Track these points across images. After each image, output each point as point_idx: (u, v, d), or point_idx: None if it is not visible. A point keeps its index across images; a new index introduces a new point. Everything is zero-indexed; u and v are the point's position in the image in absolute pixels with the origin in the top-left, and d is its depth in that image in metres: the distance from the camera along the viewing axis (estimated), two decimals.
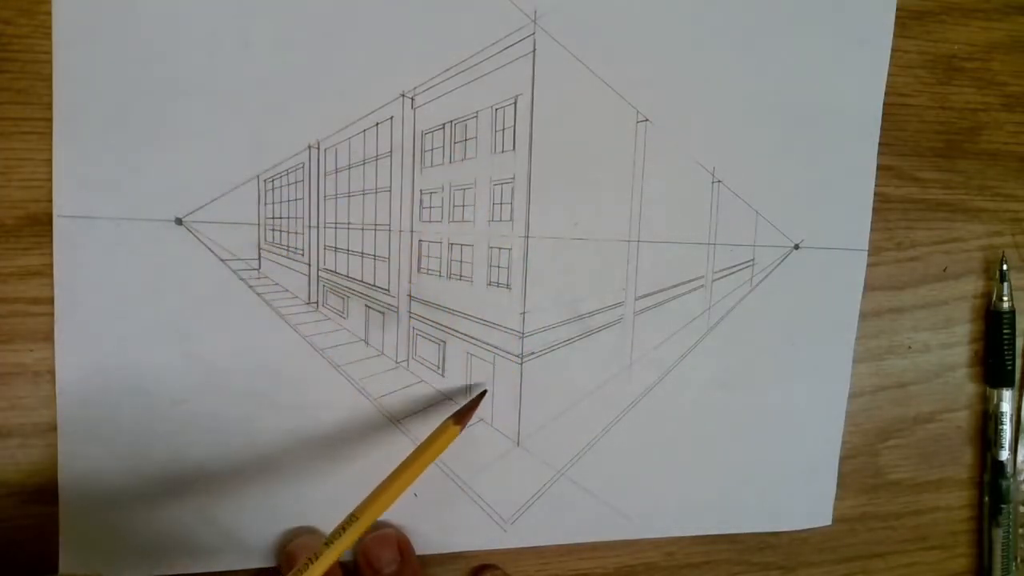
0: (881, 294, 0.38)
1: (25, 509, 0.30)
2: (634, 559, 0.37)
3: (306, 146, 0.30)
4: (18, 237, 0.29)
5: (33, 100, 0.28)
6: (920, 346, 0.39)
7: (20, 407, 0.29)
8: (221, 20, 0.29)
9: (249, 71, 0.29)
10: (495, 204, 0.33)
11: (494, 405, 0.34)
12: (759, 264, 0.36)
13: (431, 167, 0.32)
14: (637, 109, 0.33)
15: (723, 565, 0.38)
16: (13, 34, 0.28)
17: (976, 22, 0.38)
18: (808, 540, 0.39)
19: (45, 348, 0.29)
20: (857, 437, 0.39)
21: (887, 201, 0.37)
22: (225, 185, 0.30)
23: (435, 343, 0.33)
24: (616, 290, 0.34)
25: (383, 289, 0.32)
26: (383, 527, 0.32)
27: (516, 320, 0.33)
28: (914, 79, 0.37)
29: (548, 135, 0.32)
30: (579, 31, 0.32)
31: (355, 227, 0.32)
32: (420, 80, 0.31)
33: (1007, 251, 0.39)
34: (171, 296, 0.30)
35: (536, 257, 0.33)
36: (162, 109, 0.29)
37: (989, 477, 0.40)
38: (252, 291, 0.31)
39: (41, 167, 0.28)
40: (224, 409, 0.31)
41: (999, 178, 0.39)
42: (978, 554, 0.42)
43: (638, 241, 0.34)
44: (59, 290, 0.29)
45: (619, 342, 0.35)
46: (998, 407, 0.40)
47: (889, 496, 0.40)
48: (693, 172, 0.34)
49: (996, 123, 0.39)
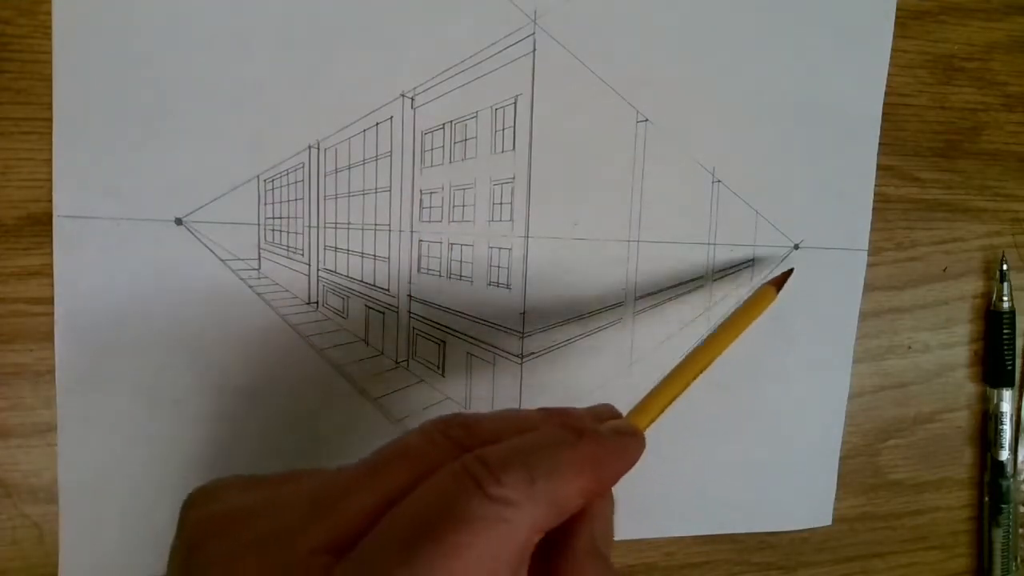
0: (881, 294, 0.38)
1: (25, 509, 0.30)
2: (634, 559, 0.37)
3: (306, 146, 0.30)
4: (18, 237, 0.29)
5: (33, 100, 0.28)
6: (920, 346, 0.39)
7: (20, 407, 0.29)
8: (221, 20, 0.29)
9: (249, 71, 0.29)
10: (495, 204, 0.33)
11: (494, 405, 0.34)
12: (759, 264, 0.36)
13: (431, 167, 0.32)
14: (637, 109, 0.33)
15: (723, 565, 0.38)
16: (13, 34, 0.28)
17: (976, 22, 0.38)
18: (808, 540, 0.39)
19: (45, 348, 0.29)
20: (857, 437, 0.39)
21: (887, 201, 0.37)
22: (225, 185, 0.30)
23: (435, 343, 0.33)
24: (616, 290, 0.34)
25: (383, 289, 0.32)
26: None
27: (516, 320, 0.33)
28: (914, 79, 0.37)
29: (548, 135, 0.32)
30: (579, 31, 0.32)
31: (355, 227, 0.32)
32: (420, 80, 0.31)
33: (1007, 251, 0.39)
34: (171, 296, 0.30)
35: (536, 257, 0.33)
36: (162, 109, 0.29)
37: (989, 477, 0.40)
38: (252, 291, 0.31)
39: (41, 167, 0.28)
40: (224, 409, 0.31)
41: (999, 178, 0.39)
42: (978, 554, 0.42)
43: (638, 241, 0.34)
44: (59, 290, 0.29)
45: (619, 342, 0.35)
46: (998, 407, 0.40)
47: (889, 496, 0.40)
48: (693, 172, 0.34)
49: (996, 123, 0.39)
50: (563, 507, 0.19)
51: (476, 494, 0.17)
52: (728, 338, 0.29)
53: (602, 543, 0.21)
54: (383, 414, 0.32)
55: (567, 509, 0.19)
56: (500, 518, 0.17)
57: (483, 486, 0.17)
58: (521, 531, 0.17)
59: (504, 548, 0.17)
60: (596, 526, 0.21)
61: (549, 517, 0.18)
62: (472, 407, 0.33)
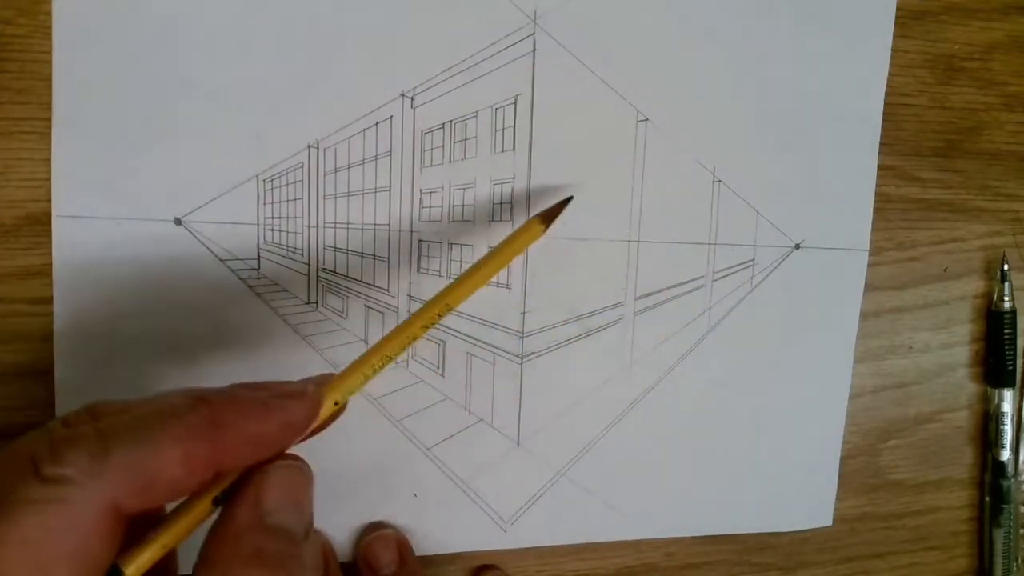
0: (881, 294, 0.38)
1: None
2: (634, 559, 0.37)
3: (306, 146, 0.30)
4: (17, 237, 0.29)
5: (33, 100, 0.28)
6: (921, 346, 0.39)
7: (20, 407, 0.29)
8: (221, 20, 0.29)
9: (249, 71, 0.29)
10: (495, 204, 0.33)
11: (494, 405, 0.34)
12: (759, 264, 0.36)
13: (431, 167, 0.32)
14: (637, 109, 0.33)
15: (723, 565, 0.38)
16: (13, 34, 0.28)
17: (976, 22, 0.38)
18: (808, 540, 0.39)
19: (45, 348, 0.29)
20: (857, 437, 0.39)
21: (887, 201, 0.37)
22: (225, 185, 0.30)
23: (435, 343, 0.33)
24: (616, 290, 0.34)
25: (383, 289, 0.32)
26: (382, 528, 0.32)
27: (516, 320, 0.33)
28: (914, 79, 0.37)
29: (548, 135, 0.32)
30: (579, 31, 0.32)
31: (355, 227, 0.32)
32: (420, 80, 0.31)
33: (1008, 251, 0.39)
34: (171, 296, 0.30)
35: (536, 257, 0.33)
36: (162, 109, 0.29)
37: (990, 477, 0.40)
38: (252, 291, 0.30)
39: (40, 167, 0.28)
40: None
41: (999, 178, 0.39)
42: (979, 554, 0.42)
43: (638, 241, 0.34)
44: (59, 290, 0.29)
45: (619, 342, 0.35)
46: (999, 407, 0.40)
47: (889, 496, 0.40)
48: (693, 172, 0.34)
49: (996, 123, 0.39)
50: (153, 477, 0.18)
51: (27, 477, 0.17)
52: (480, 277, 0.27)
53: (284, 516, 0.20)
54: (383, 414, 0.32)
55: (160, 478, 0.18)
56: (52, 499, 0.16)
57: (38, 468, 0.17)
58: (84, 509, 0.17)
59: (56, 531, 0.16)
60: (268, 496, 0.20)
61: (132, 489, 0.17)
62: (472, 407, 0.33)
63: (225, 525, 0.19)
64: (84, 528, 0.17)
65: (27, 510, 0.16)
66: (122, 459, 0.17)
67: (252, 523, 0.19)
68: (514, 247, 0.29)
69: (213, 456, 0.19)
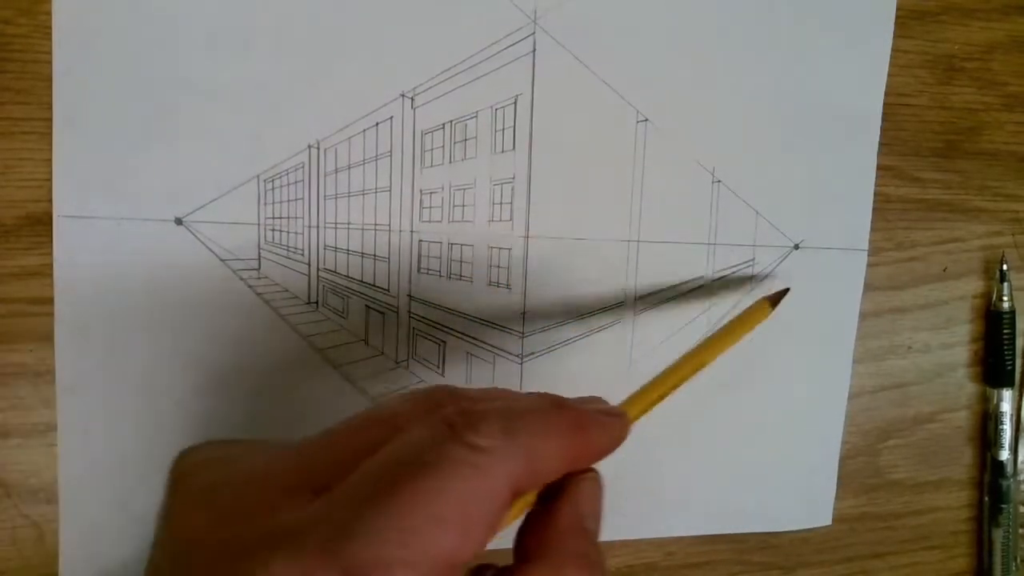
0: (881, 294, 0.38)
1: (25, 509, 0.30)
2: (634, 559, 0.37)
3: (306, 146, 0.30)
4: (18, 237, 0.29)
5: (33, 100, 0.28)
6: (920, 346, 0.39)
7: (20, 407, 0.29)
8: (221, 20, 0.29)
9: (249, 71, 0.29)
10: (495, 204, 0.33)
11: None
12: (759, 264, 0.36)
13: (431, 167, 0.32)
14: (637, 109, 0.33)
15: (723, 565, 0.38)
16: (13, 34, 0.28)
17: (976, 22, 0.38)
18: (808, 540, 0.39)
19: (45, 348, 0.29)
20: (857, 437, 0.39)
21: (887, 201, 0.37)
22: (225, 185, 0.30)
23: (435, 343, 0.33)
24: (616, 290, 0.34)
25: (383, 289, 0.32)
26: None
27: (516, 320, 0.33)
28: (914, 79, 0.37)
29: (548, 135, 0.32)
30: (579, 31, 0.32)
31: (355, 227, 0.32)
32: (420, 80, 0.31)
33: (1007, 251, 0.39)
34: (171, 296, 0.30)
35: (536, 257, 0.33)
36: (162, 109, 0.29)
37: (989, 477, 0.40)
38: (252, 291, 0.31)
39: (41, 167, 0.28)
40: (224, 409, 0.31)
41: (999, 178, 0.39)
42: (978, 554, 0.42)
43: (638, 241, 0.34)
44: (59, 290, 0.29)
45: (619, 342, 0.35)
46: (998, 407, 0.40)
47: (889, 496, 0.40)
48: (693, 172, 0.34)
49: (996, 123, 0.39)
50: (541, 467, 0.19)
51: (451, 439, 0.17)
52: (718, 348, 0.28)
53: (593, 524, 0.20)
54: None
55: (545, 470, 0.19)
56: (474, 463, 0.17)
57: (459, 433, 0.17)
58: (496, 480, 0.17)
59: (477, 494, 0.17)
60: (582, 505, 0.20)
61: (526, 474, 0.18)
62: None
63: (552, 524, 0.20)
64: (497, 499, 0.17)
65: (452, 469, 0.16)
66: (526, 441, 0.18)
67: (575, 526, 0.20)
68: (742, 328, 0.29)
69: (576, 457, 0.20)
